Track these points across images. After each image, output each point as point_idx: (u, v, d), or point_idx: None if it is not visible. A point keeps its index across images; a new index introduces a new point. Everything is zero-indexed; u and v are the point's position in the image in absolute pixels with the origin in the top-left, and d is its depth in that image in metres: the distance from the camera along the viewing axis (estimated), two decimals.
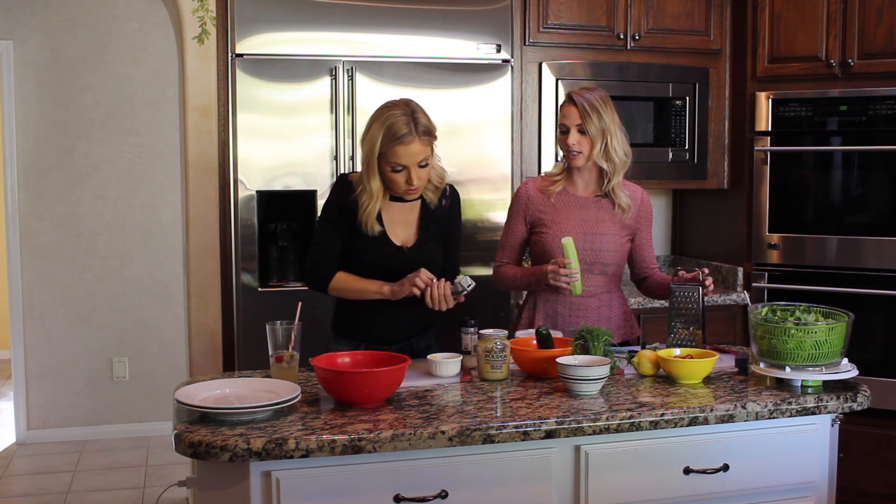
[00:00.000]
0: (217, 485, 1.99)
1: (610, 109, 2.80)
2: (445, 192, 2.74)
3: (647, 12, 3.96)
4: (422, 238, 2.70)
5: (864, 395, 2.30)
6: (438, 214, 2.73)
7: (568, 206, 2.86)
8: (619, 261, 2.89)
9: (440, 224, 2.74)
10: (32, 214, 5.09)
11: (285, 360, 2.37)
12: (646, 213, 2.93)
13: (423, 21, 3.57)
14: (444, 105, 3.57)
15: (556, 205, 2.87)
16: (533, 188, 2.92)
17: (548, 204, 2.87)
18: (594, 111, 2.76)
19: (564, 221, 2.85)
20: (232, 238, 3.47)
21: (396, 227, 2.68)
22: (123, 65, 5.12)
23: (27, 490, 4.44)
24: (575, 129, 2.78)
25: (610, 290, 2.90)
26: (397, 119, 2.52)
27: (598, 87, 2.91)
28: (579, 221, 2.85)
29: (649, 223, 2.95)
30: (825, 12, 3.80)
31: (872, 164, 3.81)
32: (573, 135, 2.78)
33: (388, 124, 2.52)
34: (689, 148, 4.05)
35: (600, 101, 2.79)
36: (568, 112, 2.80)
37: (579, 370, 2.24)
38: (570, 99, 2.81)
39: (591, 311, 2.85)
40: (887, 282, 3.73)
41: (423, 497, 2.02)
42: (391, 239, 2.66)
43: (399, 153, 2.52)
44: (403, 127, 2.50)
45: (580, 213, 2.85)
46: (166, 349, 5.26)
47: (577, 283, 2.72)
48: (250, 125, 3.40)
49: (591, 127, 2.76)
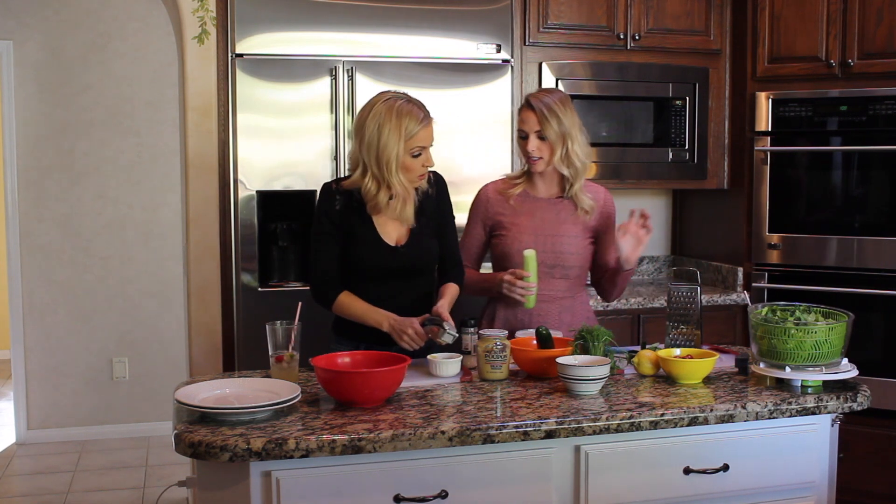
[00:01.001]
0: (217, 485, 1.99)
1: (570, 112, 2.75)
2: (430, 180, 2.73)
3: (647, 12, 3.96)
4: (414, 234, 2.70)
5: (864, 395, 2.30)
6: (427, 204, 2.72)
7: (528, 208, 2.83)
8: (582, 263, 2.84)
9: (430, 214, 2.73)
10: (32, 214, 5.09)
11: (285, 360, 2.37)
12: (609, 214, 2.87)
13: (423, 21, 3.57)
14: (444, 105, 3.56)
15: (516, 207, 2.84)
16: (493, 191, 2.90)
17: (507, 206, 2.85)
18: (553, 116, 2.71)
19: (524, 223, 2.81)
20: (232, 238, 3.47)
21: (388, 225, 2.67)
22: (123, 65, 5.12)
23: (27, 490, 4.44)
24: (534, 135, 2.73)
25: (573, 294, 2.85)
26: (404, 106, 2.54)
27: (557, 90, 2.89)
28: (539, 223, 2.81)
29: (613, 224, 2.87)
30: (825, 12, 3.79)
31: (872, 164, 3.81)
32: (532, 141, 2.74)
33: (403, 114, 2.52)
34: (689, 148, 4.05)
35: (559, 103, 2.73)
36: (526, 117, 2.75)
37: (579, 370, 2.25)
38: (528, 104, 2.75)
39: (551, 316, 2.81)
40: (887, 282, 3.73)
41: (423, 497, 2.02)
42: (384, 239, 2.66)
43: (421, 136, 2.55)
44: (419, 111, 2.55)
45: (540, 214, 2.82)
46: (166, 349, 5.26)
47: (531, 297, 2.69)
48: (250, 125, 3.40)
49: (551, 132, 2.71)
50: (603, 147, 3.95)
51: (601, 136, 3.96)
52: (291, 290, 3.43)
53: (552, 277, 2.80)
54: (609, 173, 3.97)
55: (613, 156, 3.98)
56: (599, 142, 3.95)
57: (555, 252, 2.78)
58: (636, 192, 4.47)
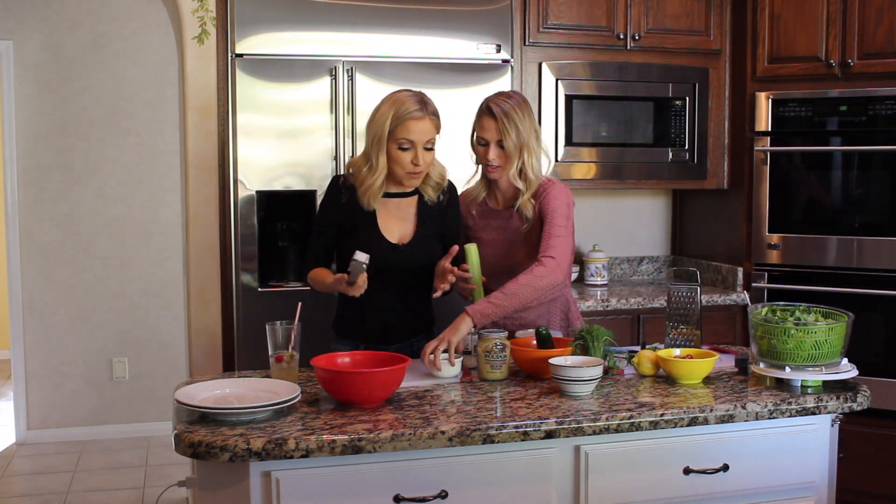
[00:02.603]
0: (217, 485, 1.99)
1: (528, 117, 2.70)
2: (444, 190, 2.75)
3: (647, 12, 3.96)
4: (419, 235, 2.70)
5: (863, 395, 2.30)
6: (436, 210, 2.73)
7: (486, 218, 2.83)
8: None
9: (437, 220, 2.74)
10: (32, 214, 5.09)
11: (285, 360, 2.37)
12: (544, 207, 2.71)
13: (423, 21, 3.57)
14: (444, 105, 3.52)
15: (476, 217, 2.84)
16: (462, 198, 2.89)
17: (471, 217, 2.85)
18: (512, 125, 2.66)
19: (485, 234, 2.81)
20: (232, 238, 3.47)
21: (392, 223, 2.69)
22: (123, 65, 5.12)
23: (27, 490, 4.44)
24: (494, 144, 2.70)
25: (547, 300, 2.78)
26: (407, 98, 2.60)
27: (516, 92, 2.82)
28: (496, 231, 2.81)
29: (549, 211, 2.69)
30: (825, 12, 3.79)
31: (872, 164, 3.81)
32: (493, 149, 2.70)
33: (398, 102, 2.58)
34: (689, 148, 4.05)
35: (518, 109, 2.68)
36: (487, 125, 2.70)
37: (571, 371, 2.24)
38: (489, 111, 2.70)
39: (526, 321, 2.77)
40: (887, 282, 3.73)
41: (423, 497, 2.02)
42: (385, 236, 2.67)
43: (409, 128, 2.56)
44: (414, 104, 2.58)
45: (496, 222, 2.81)
46: (166, 349, 5.26)
47: (474, 292, 2.66)
48: (250, 125, 3.40)
49: (509, 142, 2.66)
50: (603, 147, 3.95)
51: (601, 136, 3.96)
52: (291, 291, 3.43)
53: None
54: (609, 173, 3.98)
55: (613, 156, 3.98)
56: (599, 142, 3.96)
57: (511, 264, 2.74)
58: (636, 192, 4.48)
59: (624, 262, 4.47)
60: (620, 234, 4.47)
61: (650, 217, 4.57)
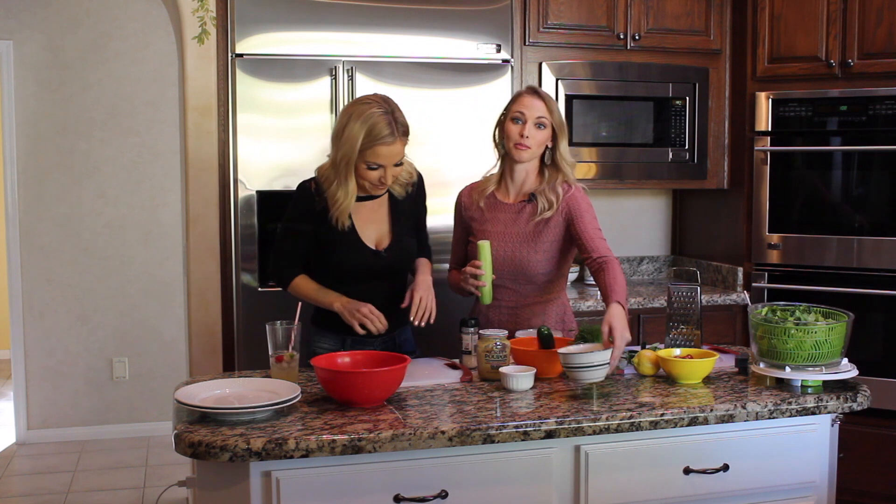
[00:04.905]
0: (217, 485, 1.99)
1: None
2: (413, 182, 2.75)
3: (647, 12, 3.96)
4: (396, 237, 2.70)
5: (863, 395, 2.30)
6: (407, 204, 2.74)
7: (494, 211, 2.82)
8: (548, 269, 2.76)
9: (409, 213, 2.76)
10: (32, 214, 5.09)
11: (285, 360, 2.37)
12: (574, 205, 2.74)
13: (423, 21, 3.57)
14: (444, 105, 3.57)
15: (484, 210, 2.83)
16: (466, 195, 2.90)
17: (477, 210, 2.84)
18: (555, 107, 2.75)
19: (490, 227, 2.80)
20: (232, 238, 3.48)
21: (367, 226, 2.68)
22: (123, 65, 5.12)
23: (27, 490, 4.44)
24: (532, 122, 2.71)
25: (545, 300, 2.80)
26: (379, 119, 2.50)
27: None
28: (502, 225, 2.79)
29: (581, 212, 2.73)
30: (825, 12, 3.79)
31: (872, 164, 3.81)
32: (529, 126, 2.70)
33: (370, 123, 2.49)
34: (689, 148, 4.05)
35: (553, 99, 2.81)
36: (529, 103, 2.72)
37: (582, 357, 2.21)
38: (535, 91, 2.76)
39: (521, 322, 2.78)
40: (887, 282, 3.73)
41: (423, 497, 2.02)
42: (364, 242, 2.66)
43: (380, 153, 2.52)
44: (386, 127, 2.49)
45: (503, 216, 2.80)
46: (166, 349, 5.26)
47: (484, 290, 2.66)
48: (250, 125, 3.40)
49: (556, 118, 2.73)
50: (603, 147, 3.95)
51: (601, 136, 3.96)
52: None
53: (518, 283, 2.77)
54: (609, 173, 3.98)
55: (613, 156, 3.98)
56: (599, 142, 3.96)
57: (515, 260, 2.74)
58: (636, 192, 4.48)
59: (624, 262, 4.47)
60: (620, 233, 4.47)
61: (650, 217, 4.57)
